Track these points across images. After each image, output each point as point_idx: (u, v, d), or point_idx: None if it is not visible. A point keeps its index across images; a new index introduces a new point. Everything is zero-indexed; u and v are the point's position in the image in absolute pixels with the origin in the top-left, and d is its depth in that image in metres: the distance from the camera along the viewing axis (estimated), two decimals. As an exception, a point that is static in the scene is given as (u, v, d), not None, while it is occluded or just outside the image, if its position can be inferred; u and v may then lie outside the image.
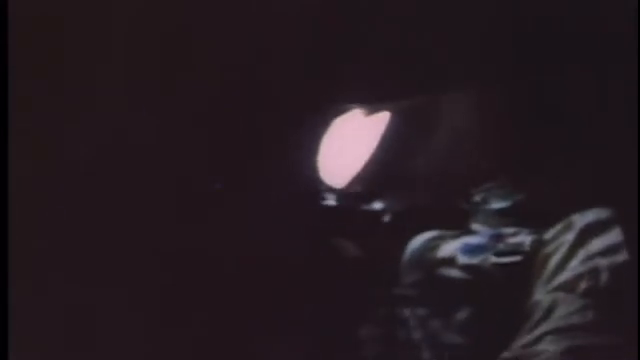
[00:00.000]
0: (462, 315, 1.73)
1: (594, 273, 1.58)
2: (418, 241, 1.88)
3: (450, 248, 1.82)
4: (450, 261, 1.79)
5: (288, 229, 1.94)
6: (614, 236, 1.61)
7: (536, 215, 1.77)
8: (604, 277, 1.56)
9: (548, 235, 1.70)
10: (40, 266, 1.77)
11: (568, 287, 1.58)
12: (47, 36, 1.77)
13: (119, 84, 1.84)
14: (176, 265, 1.88)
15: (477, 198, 1.91)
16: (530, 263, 1.69)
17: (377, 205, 2.03)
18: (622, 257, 1.57)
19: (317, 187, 2.02)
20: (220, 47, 1.87)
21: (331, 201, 2.03)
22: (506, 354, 1.57)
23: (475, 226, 1.88)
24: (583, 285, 1.57)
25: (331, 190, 2.03)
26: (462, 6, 1.84)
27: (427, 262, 1.83)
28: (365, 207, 2.04)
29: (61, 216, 1.81)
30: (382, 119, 2.03)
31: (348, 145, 2.04)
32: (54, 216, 1.81)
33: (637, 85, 1.63)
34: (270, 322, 1.87)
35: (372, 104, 2.02)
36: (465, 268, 1.76)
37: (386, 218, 2.01)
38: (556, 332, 1.53)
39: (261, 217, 1.92)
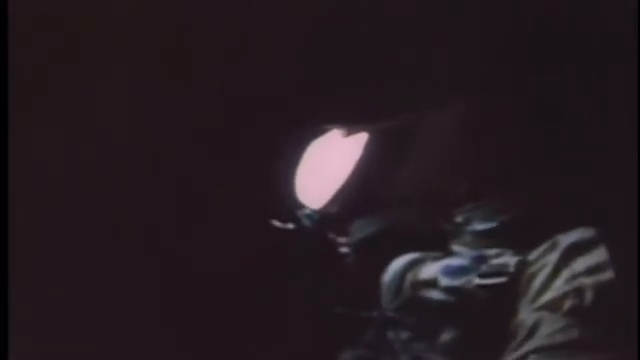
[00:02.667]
0: (446, 337, 1.73)
1: (578, 292, 1.57)
2: (399, 263, 1.87)
3: (431, 270, 1.81)
4: (432, 283, 1.78)
5: (265, 250, 1.94)
6: (598, 255, 1.61)
7: (520, 236, 1.76)
8: (588, 296, 1.56)
9: (532, 256, 1.70)
10: (40, 266, 1.77)
11: (552, 306, 1.58)
12: (47, 36, 1.77)
13: (118, 85, 1.84)
14: (175, 266, 1.88)
15: (459, 219, 1.89)
16: (514, 284, 1.68)
17: (356, 226, 2.02)
18: (607, 276, 1.57)
19: (295, 208, 2.01)
20: (201, 67, 1.87)
21: (309, 222, 2.01)
22: (491, 374, 1.58)
23: (456, 248, 1.86)
24: (567, 304, 1.57)
25: (309, 211, 2.01)
26: (455, 15, 1.83)
27: (408, 284, 1.82)
28: (344, 228, 2.02)
29: (61, 216, 1.81)
30: (361, 139, 2.02)
31: (327, 166, 2.02)
32: (54, 216, 1.81)
33: (637, 85, 1.63)
34: (251, 347, 1.86)
35: (351, 124, 2.00)
36: (447, 290, 1.75)
37: (366, 240, 1.99)
38: (540, 351, 1.53)
39: (234, 238, 1.91)
